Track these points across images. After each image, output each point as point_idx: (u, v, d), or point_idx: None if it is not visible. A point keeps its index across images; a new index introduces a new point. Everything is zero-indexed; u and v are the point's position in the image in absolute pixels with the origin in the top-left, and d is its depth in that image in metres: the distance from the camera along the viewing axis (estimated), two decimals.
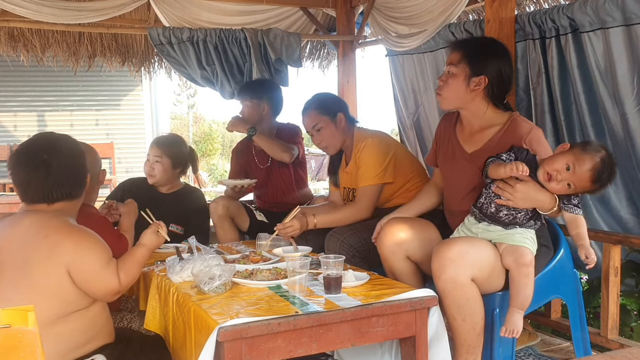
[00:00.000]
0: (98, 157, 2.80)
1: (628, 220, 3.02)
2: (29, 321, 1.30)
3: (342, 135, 3.12)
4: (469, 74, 2.46)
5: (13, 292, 1.94)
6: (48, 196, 2.06)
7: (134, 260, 2.14)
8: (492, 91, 2.47)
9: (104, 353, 2.04)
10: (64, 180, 2.08)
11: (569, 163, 2.19)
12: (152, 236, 2.23)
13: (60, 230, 2.00)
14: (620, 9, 2.68)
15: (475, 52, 2.49)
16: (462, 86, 2.47)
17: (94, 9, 3.81)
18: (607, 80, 2.84)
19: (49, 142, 2.11)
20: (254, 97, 3.74)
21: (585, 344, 2.65)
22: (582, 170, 2.17)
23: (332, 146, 3.15)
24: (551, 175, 2.21)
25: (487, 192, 2.37)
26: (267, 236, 3.05)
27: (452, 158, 2.60)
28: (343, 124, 3.11)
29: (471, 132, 2.56)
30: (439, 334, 2.20)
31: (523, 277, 2.23)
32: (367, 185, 2.99)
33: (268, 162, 3.77)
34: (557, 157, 2.23)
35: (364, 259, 2.82)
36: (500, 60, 2.49)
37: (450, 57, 2.53)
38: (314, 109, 3.12)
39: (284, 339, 1.90)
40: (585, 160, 2.17)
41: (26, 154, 2.08)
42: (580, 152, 2.20)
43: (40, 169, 2.03)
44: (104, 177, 2.83)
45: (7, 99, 8.97)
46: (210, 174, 14.67)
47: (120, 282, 2.06)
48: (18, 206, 2.26)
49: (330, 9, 4.54)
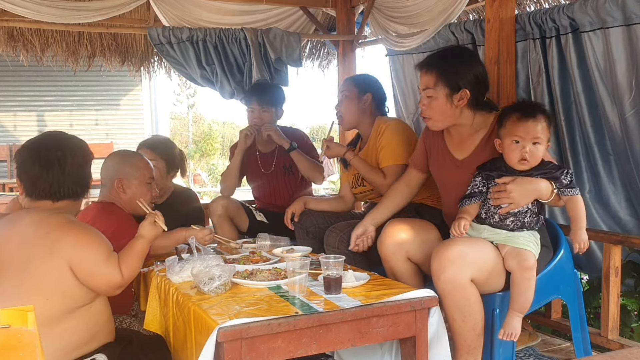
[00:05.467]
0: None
1: (627, 222, 3.02)
2: (28, 321, 1.30)
3: (359, 114, 3.15)
4: (448, 93, 2.45)
5: (15, 290, 1.94)
6: (56, 193, 2.08)
7: (134, 253, 2.15)
8: (475, 99, 2.47)
9: (104, 352, 2.05)
10: (74, 179, 2.10)
11: (509, 138, 2.28)
12: (149, 227, 2.23)
13: (60, 227, 2.00)
14: (621, 9, 2.67)
15: (447, 69, 2.47)
16: (446, 106, 2.47)
17: (93, 9, 3.81)
18: (607, 80, 2.84)
19: (62, 140, 2.14)
20: (277, 105, 3.73)
21: (585, 344, 2.65)
22: (518, 127, 2.26)
23: (346, 119, 3.20)
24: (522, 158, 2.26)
25: (486, 206, 2.37)
26: (267, 236, 3.05)
27: (444, 166, 2.61)
28: (366, 105, 3.14)
29: (460, 140, 2.57)
30: (439, 334, 2.20)
31: (525, 280, 2.23)
32: (394, 164, 2.97)
33: (272, 168, 3.75)
34: (504, 148, 2.32)
35: (363, 255, 2.82)
36: (472, 66, 2.49)
37: (424, 81, 2.51)
38: (353, 79, 3.27)
39: (284, 340, 1.90)
40: (510, 122, 2.29)
41: (39, 149, 2.09)
42: (503, 125, 2.32)
43: (54, 165, 2.06)
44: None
45: (6, 99, 8.96)
46: (210, 174, 14.67)
47: (123, 275, 2.07)
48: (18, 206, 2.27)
49: (330, 9, 4.54)
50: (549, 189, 2.28)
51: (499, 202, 2.30)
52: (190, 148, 17.84)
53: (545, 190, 2.28)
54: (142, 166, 2.77)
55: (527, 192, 2.27)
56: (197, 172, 14.59)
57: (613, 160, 2.99)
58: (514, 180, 2.28)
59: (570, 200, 2.29)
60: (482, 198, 2.38)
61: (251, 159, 3.80)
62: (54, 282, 1.96)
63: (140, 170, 2.75)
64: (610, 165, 3.01)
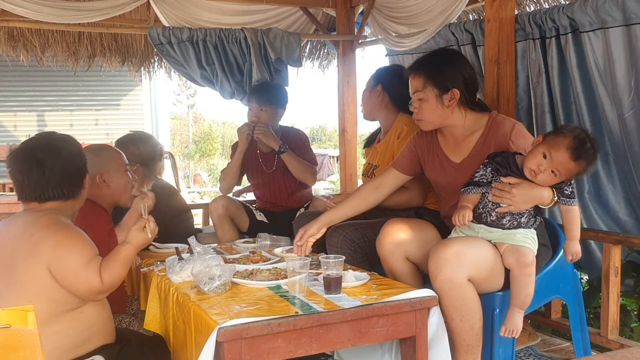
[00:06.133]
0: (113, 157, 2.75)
1: (626, 222, 3.02)
2: (28, 321, 1.30)
3: (375, 106, 3.14)
4: (438, 94, 2.46)
5: (5, 291, 1.94)
6: (40, 195, 2.07)
7: (118, 259, 2.06)
8: (465, 99, 2.48)
9: (102, 354, 2.03)
10: (57, 180, 2.08)
11: (545, 151, 2.21)
12: (137, 232, 2.12)
13: (44, 228, 1.98)
14: (621, 9, 2.68)
15: (435, 70, 2.49)
16: (437, 107, 2.48)
17: (93, 9, 3.81)
18: (606, 80, 2.84)
19: (47, 142, 2.13)
20: (277, 104, 3.73)
21: (585, 344, 2.65)
22: (559, 153, 2.19)
23: (365, 109, 3.21)
24: (534, 170, 2.23)
25: (484, 201, 2.35)
26: (267, 236, 3.05)
27: (441, 170, 2.59)
28: (380, 98, 3.11)
29: (455, 142, 2.57)
30: (439, 334, 2.20)
31: (525, 276, 2.23)
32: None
33: (273, 167, 3.75)
34: (534, 151, 2.25)
35: (365, 255, 2.80)
36: (460, 66, 2.51)
37: (413, 84, 2.53)
38: (377, 70, 3.25)
39: (284, 339, 1.90)
40: (559, 143, 2.19)
41: (22, 152, 2.09)
42: (553, 137, 2.23)
43: (33, 168, 2.05)
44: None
45: (6, 99, 8.97)
46: (210, 174, 14.68)
47: (103, 281, 1.98)
48: (18, 206, 2.28)
49: (330, 9, 4.54)
50: (550, 197, 2.28)
51: (499, 201, 2.30)
52: (190, 148, 17.85)
53: (546, 198, 2.28)
54: (116, 157, 2.76)
55: (529, 197, 2.27)
56: (197, 172, 14.60)
57: (612, 161, 2.99)
58: (520, 184, 2.27)
59: (568, 210, 2.31)
60: (486, 189, 2.35)
61: (253, 158, 3.80)
62: (37, 285, 1.93)
63: (116, 161, 2.73)
64: (610, 166, 3.02)
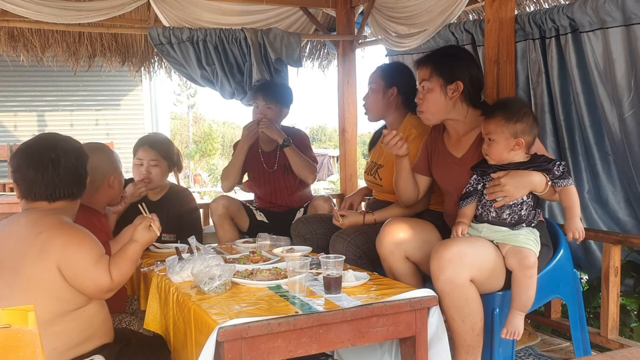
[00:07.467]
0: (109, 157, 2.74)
1: (626, 222, 3.02)
2: (28, 321, 1.30)
3: (385, 108, 3.11)
4: (443, 84, 2.56)
5: (8, 290, 1.94)
6: (52, 194, 2.08)
7: (126, 257, 2.11)
8: (468, 93, 2.57)
9: (102, 353, 2.04)
10: (69, 180, 2.11)
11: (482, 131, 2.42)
12: (143, 231, 2.19)
13: (52, 227, 1.99)
14: (620, 9, 2.68)
15: (442, 62, 2.59)
16: (440, 97, 2.57)
17: (94, 9, 3.81)
18: (606, 81, 2.84)
19: (56, 142, 2.15)
20: (283, 102, 3.73)
21: (585, 344, 2.65)
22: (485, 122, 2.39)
23: (371, 111, 3.18)
24: (484, 149, 2.40)
25: (482, 202, 2.43)
26: (267, 236, 3.05)
27: (444, 165, 2.66)
28: (392, 99, 3.10)
29: (457, 138, 2.65)
30: (439, 334, 2.20)
31: (526, 278, 2.24)
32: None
33: (275, 167, 3.76)
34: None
35: (370, 261, 2.80)
36: (468, 63, 2.62)
37: (421, 74, 2.62)
38: (383, 69, 3.21)
39: (284, 339, 1.90)
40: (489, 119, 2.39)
41: (32, 152, 2.10)
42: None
43: (48, 167, 2.06)
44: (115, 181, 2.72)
45: (7, 99, 8.98)
46: (210, 174, 14.68)
47: (112, 279, 2.03)
48: (18, 206, 2.27)
49: (330, 9, 4.54)
50: (543, 181, 2.33)
51: (494, 197, 2.36)
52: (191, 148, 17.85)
53: (539, 182, 2.33)
54: (116, 158, 2.77)
55: (520, 184, 2.32)
56: (197, 172, 14.60)
57: (612, 161, 2.99)
58: (507, 173, 2.35)
59: (564, 190, 2.35)
60: (478, 196, 2.44)
61: (255, 157, 3.80)
62: (44, 284, 1.94)
63: (118, 162, 2.76)
64: (610, 166, 3.02)
